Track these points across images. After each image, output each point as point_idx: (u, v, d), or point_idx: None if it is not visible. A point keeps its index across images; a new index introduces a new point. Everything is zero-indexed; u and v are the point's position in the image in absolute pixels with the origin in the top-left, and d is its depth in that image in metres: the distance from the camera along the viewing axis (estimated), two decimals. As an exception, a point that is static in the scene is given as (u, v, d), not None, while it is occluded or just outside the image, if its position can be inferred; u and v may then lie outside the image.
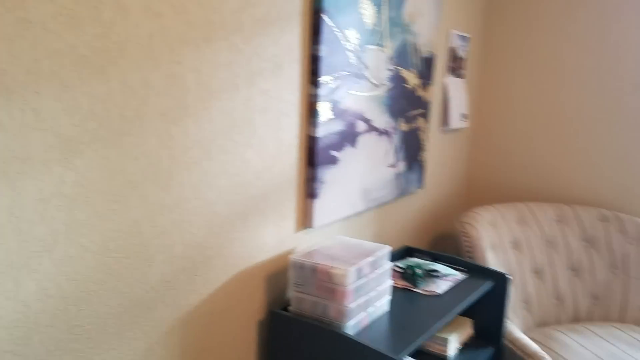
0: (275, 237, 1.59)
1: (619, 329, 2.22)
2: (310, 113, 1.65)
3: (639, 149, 2.50)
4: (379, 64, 1.91)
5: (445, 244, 2.80)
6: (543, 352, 1.89)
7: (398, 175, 2.17)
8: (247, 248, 1.50)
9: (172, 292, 1.30)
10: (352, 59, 1.76)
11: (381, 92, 1.96)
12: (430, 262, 1.98)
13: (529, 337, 2.17)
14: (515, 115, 2.79)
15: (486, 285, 1.89)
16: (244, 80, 1.39)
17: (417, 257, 2.09)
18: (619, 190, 2.57)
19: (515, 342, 1.97)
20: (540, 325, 2.32)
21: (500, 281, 1.95)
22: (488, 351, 1.94)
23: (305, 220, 1.70)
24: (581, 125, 2.62)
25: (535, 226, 2.46)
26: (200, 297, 1.38)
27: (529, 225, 2.46)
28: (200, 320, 1.40)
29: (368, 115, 1.91)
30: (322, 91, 1.65)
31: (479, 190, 2.93)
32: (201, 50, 1.26)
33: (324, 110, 1.67)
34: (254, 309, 1.56)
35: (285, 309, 1.59)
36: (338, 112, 1.74)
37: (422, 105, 2.26)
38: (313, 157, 1.67)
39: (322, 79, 1.64)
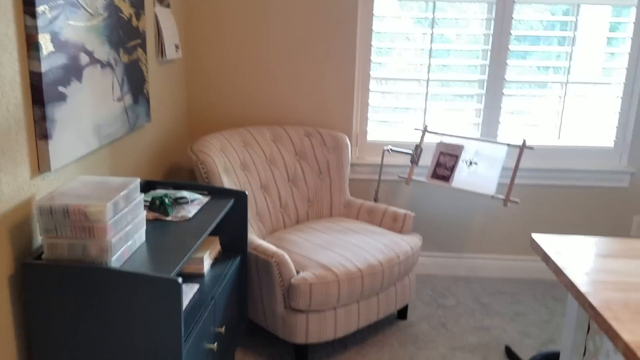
0: (12, 185, 1.44)
1: (331, 222, 2.72)
2: (30, 46, 1.49)
3: (329, 77, 2.97)
4: (95, -8, 1.80)
5: (179, 175, 2.88)
6: (279, 249, 2.20)
7: (126, 109, 2.13)
8: (-21, 202, 1.32)
9: None
10: (67, -15, 1.62)
11: (98, 21, 1.87)
12: (175, 191, 2.05)
13: (266, 242, 2.47)
14: (226, 45, 2.96)
15: (229, 204, 2.08)
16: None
17: (160, 189, 2.14)
18: (317, 110, 3.03)
19: (257, 248, 2.24)
20: (271, 232, 2.66)
21: (239, 199, 2.16)
22: (235, 261, 2.16)
23: (41, 164, 1.56)
24: (286, 56, 2.96)
25: (257, 147, 2.74)
26: None
27: (252, 148, 2.72)
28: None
29: (89, 47, 1.81)
30: (40, 22, 1.49)
31: (201, 119, 3.06)
32: None
33: (45, 42, 1.53)
34: (1, 265, 1.41)
35: (38, 258, 1.48)
36: (59, 45, 1.61)
37: (138, 35, 2.22)
38: (39, 95, 1.53)
39: (39, 8, 1.49)
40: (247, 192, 2.15)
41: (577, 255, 1.65)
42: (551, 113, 3.05)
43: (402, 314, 2.68)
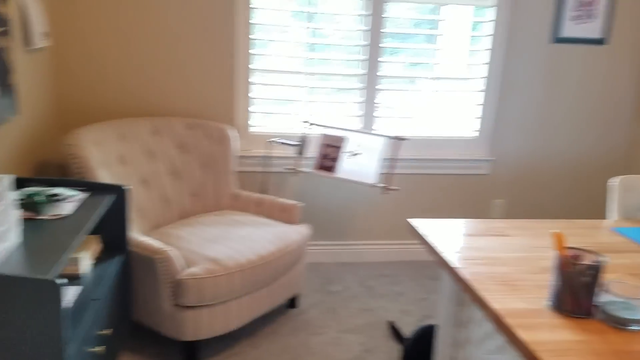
0: None
1: (218, 215, 2.69)
2: None
3: (208, 68, 2.92)
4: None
5: (49, 170, 2.68)
6: (164, 245, 2.14)
7: (-12, 102, 1.94)
8: None
9: None
10: None
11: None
12: (49, 188, 1.91)
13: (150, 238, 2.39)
14: (99, 33, 2.79)
15: (108, 200, 1.98)
16: None
17: (32, 186, 1.98)
18: (198, 102, 2.98)
19: (140, 245, 2.16)
20: (154, 227, 2.57)
21: (119, 194, 2.06)
22: (118, 260, 2.06)
23: None
24: (163, 46, 2.86)
25: (136, 140, 2.63)
26: None
27: (130, 140, 2.61)
28: None
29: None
30: None
31: (74, 111, 2.86)
32: None
33: None
34: None
35: None
36: None
37: (2, 22, 2.03)
38: None
39: None
40: (127, 187, 2.06)
41: (448, 236, 1.81)
42: (423, 107, 3.28)
43: (293, 302, 2.74)
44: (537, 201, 3.50)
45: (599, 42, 3.30)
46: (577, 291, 1.31)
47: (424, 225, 1.89)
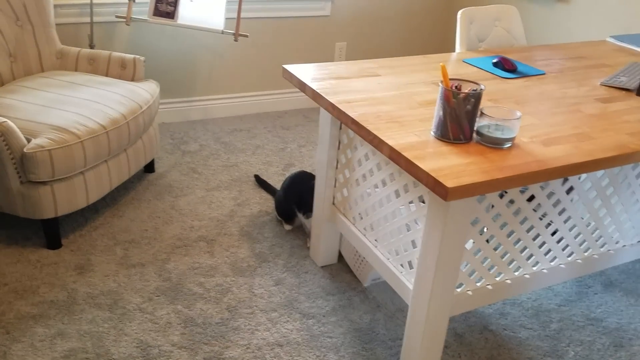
0: None
1: (46, 77, 2.29)
2: None
3: None
4: None
5: None
6: (-4, 119, 1.79)
7: None
8: None
9: None
10: None
11: None
12: None
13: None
14: None
15: None
16: None
17: None
18: None
19: (-39, 120, 1.77)
20: (-33, 99, 2.12)
21: None
22: None
23: None
24: None
25: None
26: None
27: None
28: None
29: None
30: None
31: None
32: None
33: None
34: None
35: None
36: None
37: None
38: None
39: None
40: None
41: (325, 80, 1.78)
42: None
43: (149, 167, 2.57)
44: (375, 42, 3.60)
45: None
46: (460, 119, 1.41)
47: (299, 71, 1.82)
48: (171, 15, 2.65)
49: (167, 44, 2.96)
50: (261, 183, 2.55)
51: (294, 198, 2.19)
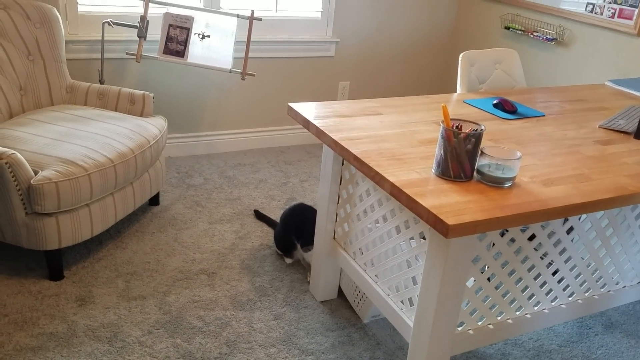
0: None
1: (56, 111, 2.34)
2: None
3: None
4: None
5: None
6: (7, 149, 1.82)
7: None
8: None
9: None
10: None
11: None
12: None
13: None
14: None
15: None
16: None
17: None
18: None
19: (-28, 150, 1.80)
20: (-22, 130, 2.16)
21: None
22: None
23: None
24: None
25: None
26: None
27: None
28: None
29: None
30: None
31: None
32: None
33: None
34: None
35: None
36: None
37: None
38: None
39: None
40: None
41: (328, 118, 1.82)
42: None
43: (154, 200, 2.59)
44: (377, 82, 3.67)
45: None
46: (461, 158, 1.44)
47: (303, 109, 1.86)
48: (181, 53, 2.72)
49: (176, 80, 3.03)
50: (261, 217, 2.56)
51: (293, 230, 2.20)
